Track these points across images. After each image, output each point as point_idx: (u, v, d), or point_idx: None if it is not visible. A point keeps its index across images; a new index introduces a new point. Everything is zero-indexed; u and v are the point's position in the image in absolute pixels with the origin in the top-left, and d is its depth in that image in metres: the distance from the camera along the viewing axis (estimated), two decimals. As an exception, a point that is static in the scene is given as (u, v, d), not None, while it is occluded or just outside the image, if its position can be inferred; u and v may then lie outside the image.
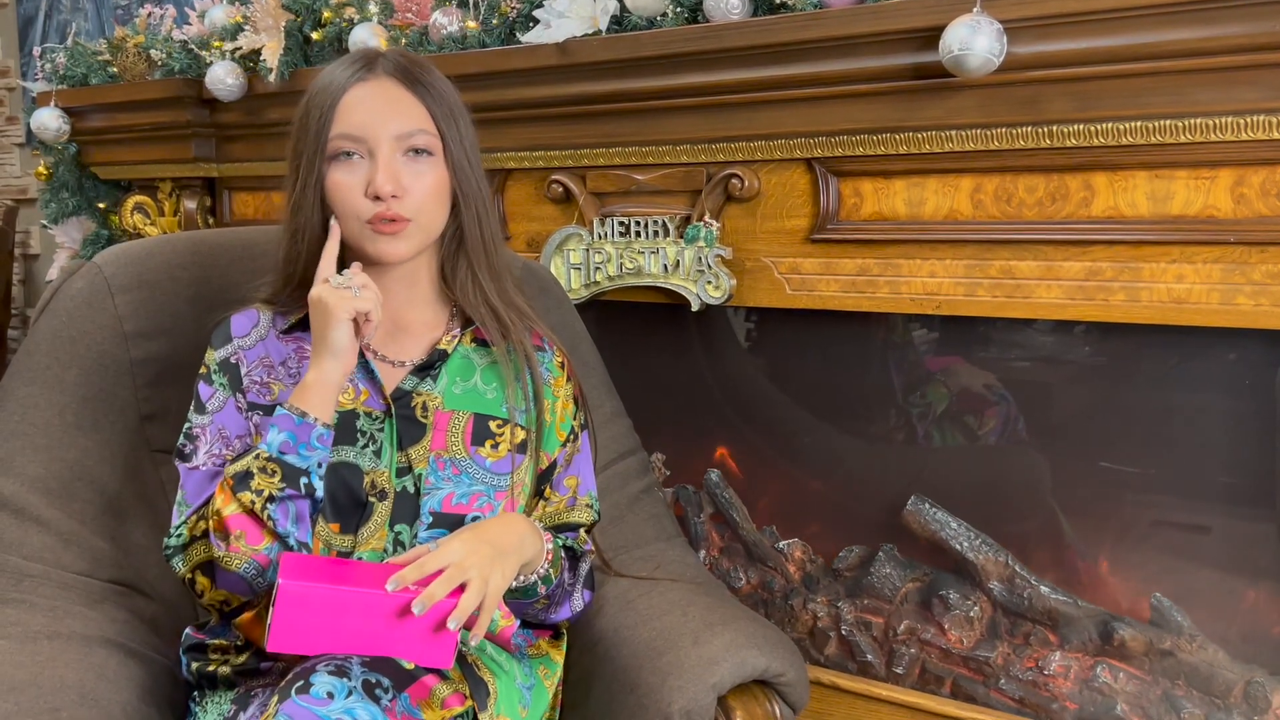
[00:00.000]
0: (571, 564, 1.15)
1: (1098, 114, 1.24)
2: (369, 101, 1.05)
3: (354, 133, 1.04)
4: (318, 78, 1.09)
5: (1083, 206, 1.30)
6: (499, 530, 1.03)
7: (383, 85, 1.06)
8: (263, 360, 1.10)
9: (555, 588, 1.10)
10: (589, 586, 1.16)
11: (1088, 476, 1.41)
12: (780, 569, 1.67)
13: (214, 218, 2.26)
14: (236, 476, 0.98)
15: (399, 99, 1.06)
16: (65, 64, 2.25)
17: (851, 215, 1.46)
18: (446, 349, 1.12)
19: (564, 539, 1.15)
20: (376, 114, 1.04)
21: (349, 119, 1.04)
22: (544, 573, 1.07)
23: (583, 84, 1.59)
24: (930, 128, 1.35)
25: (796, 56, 1.39)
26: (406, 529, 1.06)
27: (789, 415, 1.67)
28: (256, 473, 0.97)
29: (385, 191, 1.02)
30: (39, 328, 1.28)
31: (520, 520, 1.07)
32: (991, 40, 1.20)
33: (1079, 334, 1.39)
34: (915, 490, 1.53)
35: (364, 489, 1.06)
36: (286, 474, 0.98)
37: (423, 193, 1.05)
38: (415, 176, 1.05)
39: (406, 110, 1.06)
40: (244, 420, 1.07)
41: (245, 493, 0.97)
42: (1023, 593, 1.45)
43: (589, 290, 1.69)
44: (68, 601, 1.11)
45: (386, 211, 1.03)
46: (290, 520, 0.98)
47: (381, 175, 1.02)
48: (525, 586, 1.06)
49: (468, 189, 1.09)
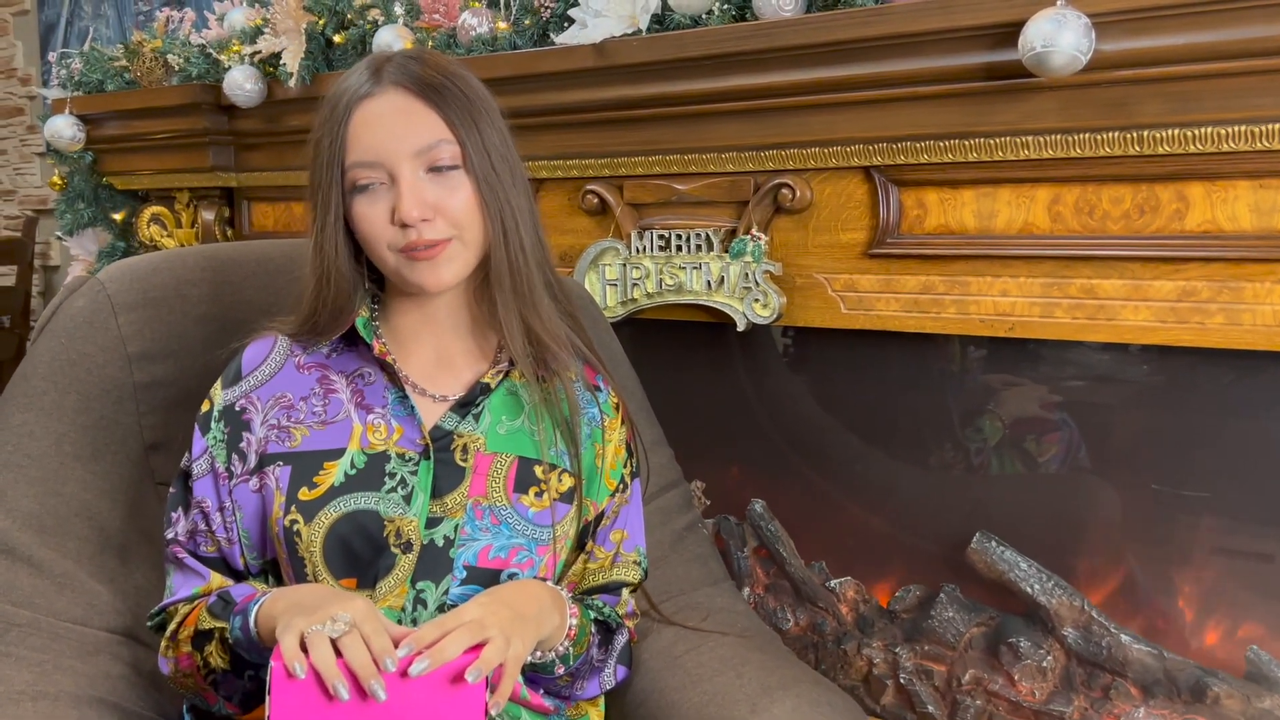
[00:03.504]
0: (604, 637, 1.04)
1: (1195, 117, 1.12)
2: (379, 120, 0.94)
3: (368, 159, 0.93)
4: (322, 102, 0.99)
5: (1175, 220, 1.18)
6: (517, 594, 0.92)
7: (391, 98, 0.94)
8: (278, 400, 1.00)
9: (581, 663, 0.99)
10: (624, 663, 1.05)
11: (1169, 509, 1.29)
12: (831, 609, 1.55)
13: (232, 229, 2.18)
14: (199, 633, 0.94)
15: (411, 111, 0.94)
16: (81, 70, 2.18)
17: (914, 228, 1.35)
18: (490, 383, 1.01)
19: (600, 605, 1.04)
20: (389, 133, 0.93)
21: (361, 143, 0.93)
22: (563, 650, 0.96)
23: (621, 87, 1.49)
24: (1004, 133, 1.23)
25: (856, 56, 1.28)
26: (432, 586, 0.95)
27: (839, 441, 1.56)
28: (214, 646, 0.93)
29: (413, 218, 0.92)
30: (37, 349, 1.19)
31: (542, 589, 0.95)
32: (1079, 36, 1.08)
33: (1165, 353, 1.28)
34: (976, 523, 1.41)
35: (385, 538, 0.95)
36: (234, 661, 0.93)
37: (457, 209, 0.94)
38: (446, 194, 0.94)
39: (421, 122, 0.94)
40: (223, 493, 0.98)
41: (198, 653, 0.94)
42: (1100, 641, 1.33)
43: (625, 308, 1.59)
44: (58, 654, 1.01)
45: (419, 239, 0.92)
46: (234, 692, 0.97)
47: (406, 201, 0.92)
48: (541, 664, 0.95)
49: (493, 201, 0.96)
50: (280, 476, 0.96)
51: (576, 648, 0.97)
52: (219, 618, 0.92)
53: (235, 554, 0.99)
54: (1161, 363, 1.26)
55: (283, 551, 0.96)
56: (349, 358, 1.02)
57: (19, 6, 3.47)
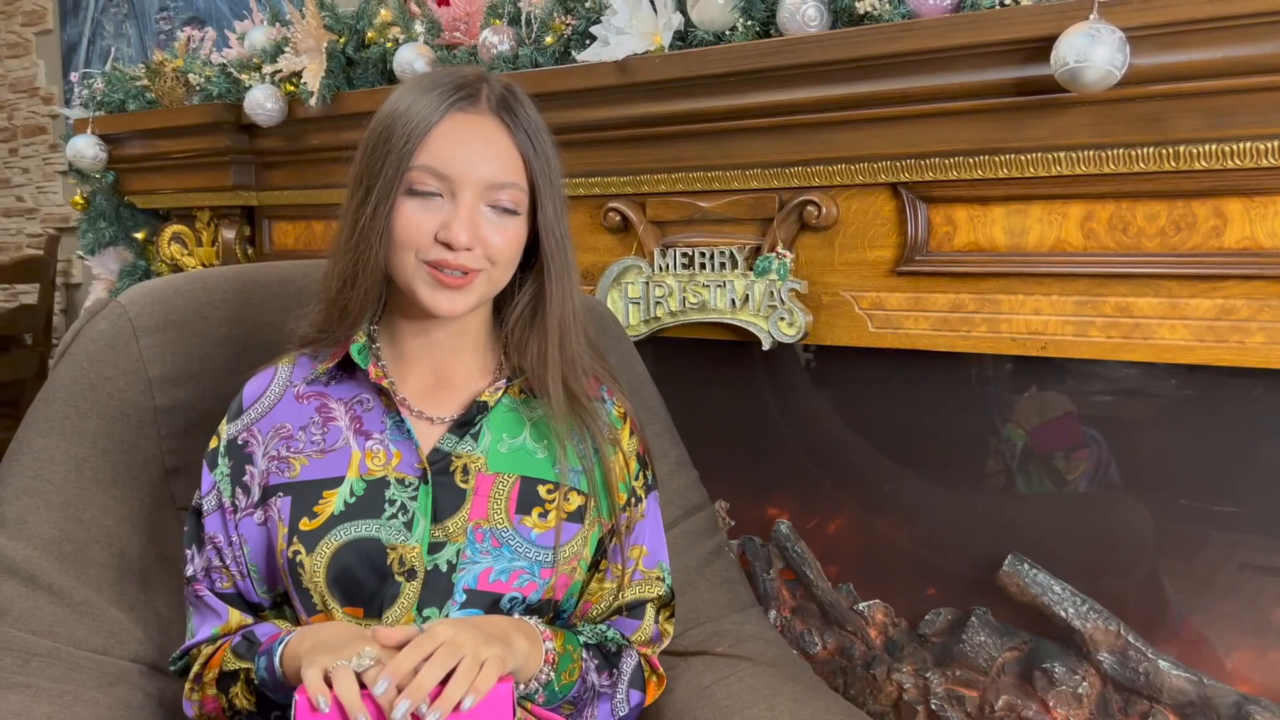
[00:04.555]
0: (605, 662, 1.01)
1: (1233, 132, 1.09)
2: (464, 138, 0.93)
3: (440, 169, 0.92)
4: (402, 92, 0.96)
5: (1213, 236, 1.15)
6: (480, 620, 0.91)
7: (484, 122, 0.94)
8: (278, 430, 0.99)
9: (580, 691, 0.97)
10: (638, 687, 1.02)
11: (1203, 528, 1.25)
12: (860, 633, 1.52)
13: (253, 248, 2.17)
14: (224, 674, 0.94)
15: (497, 143, 0.94)
16: (103, 90, 2.19)
17: (943, 245, 1.33)
18: (488, 401, 1.00)
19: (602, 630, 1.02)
20: (470, 154, 0.92)
21: (438, 152, 0.92)
22: (545, 678, 0.93)
23: (644, 105, 1.47)
24: (1035, 149, 1.21)
25: (883, 72, 1.26)
26: (436, 613, 0.93)
27: (866, 461, 1.53)
28: (240, 686, 0.93)
29: (460, 243, 0.91)
30: (58, 373, 1.18)
31: (502, 618, 0.94)
32: (1113, 50, 1.06)
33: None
34: (1008, 544, 1.39)
35: (389, 566, 0.93)
36: (260, 702, 0.93)
37: (499, 249, 0.94)
38: (495, 230, 0.93)
39: (502, 157, 0.94)
40: (230, 527, 0.98)
41: (223, 695, 0.95)
42: (1137, 666, 1.30)
43: (649, 327, 1.57)
44: (78, 685, 1.00)
45: (453, 261, 0.91)
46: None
47: (459, 224, 0.91)
48: (526, 694, 0.93)
49: (555, 257, 0.97)
50: (282, 508, 0.95)
51: (564, 675, 0.95)
52: (244, 658, 0.91)
53: (249, 588, 0.98)
54: (1191, 378, 1.23)
55: (289, 584, 0.95)
56: (347, 385, 1.01)
57: (42, 26, 3.49)
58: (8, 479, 1.12)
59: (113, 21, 3.20)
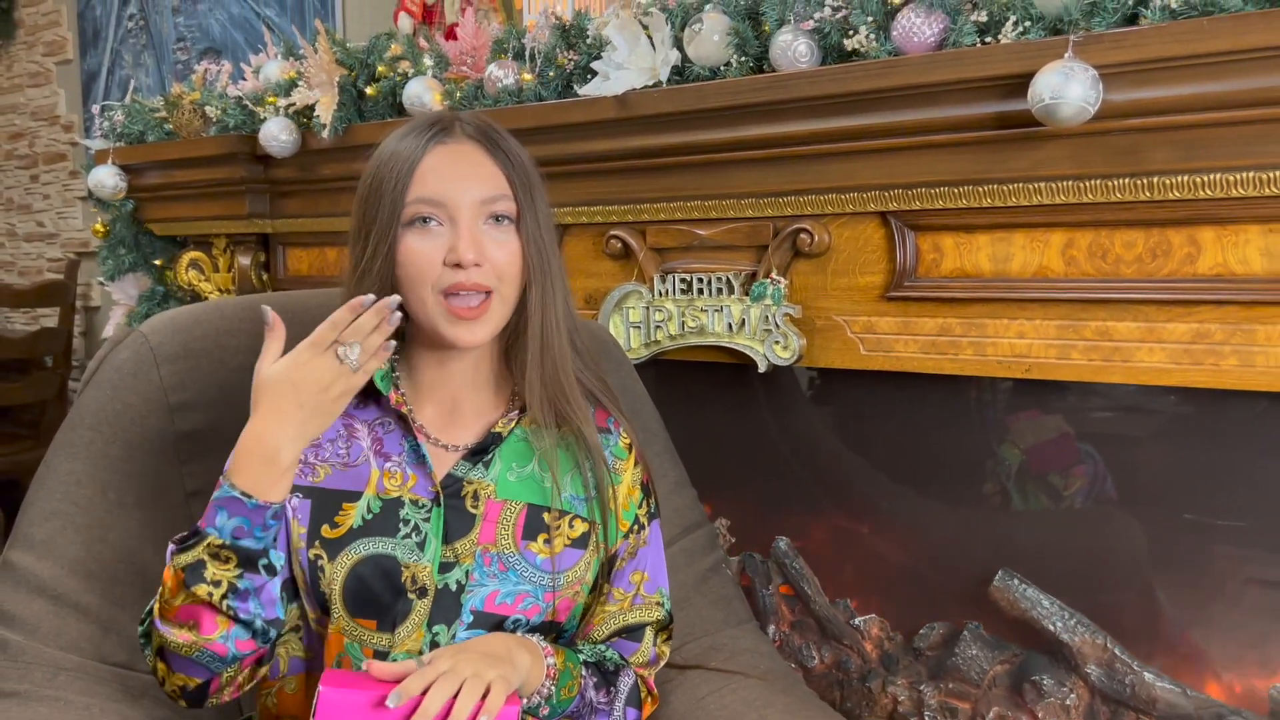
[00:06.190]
0: (603, 679, 1.05)
1: (1204, 164, 1.14)
2: (449, 165, 0.99)
3: (434, 197, 0.97)
4: (384, 143, 1.03)
5: (1187, 263, 1.20)
6: (482, 642, 0.95)
7: (463, 148, 1.00)
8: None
9: (577, 707, 1.01)
10: (634, 705, 1.07)
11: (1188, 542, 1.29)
12: (856, 647, 1.56)
13: (268, 273, 2.23)
14: (188, 568, 0.89)
15: (480, 163, 1.00)
16: (123, 121, 2.25)
17: (931, 271, 1.38)
18: (501, 431, 1.05)
19: (602, 650, 1.06)
20: (458, 178, 0.98)
21: (428, 183, 0.98)
22: (547, 691, 0.98)
23: (643, 137, 1.53)
24: (1017, 180, 1.26)
25: (871, 106, 1.31)
26: (444, 630, 0.98)
27: (864, 479, 1.58)
28: (209, 561, 0.89)
29: (468, 259, 0.95)
30: (83, 400, 1.23)
31: (505, 635, 0.98)
32: (1086, 88, 1.11)
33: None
34: (1000, 559, 1.43)
35: (403, 583, 0.98)
36: (243, 560, 0.89)
37: (504, 262, 0.98)
38: (497, 245, 0.98)
39: (488, 175, 1.00)
40: None
41: (200, 585, 0.89)
42: (1124, 679, 1.34)
43: (649, 350, 1.62)
44: (104, 698, 1.05)
45: (466, 280, 0.96)
46: (255, 604, 0.91)
47: (464, 241, 0.96)
48: (529, 708, 0.97)
49: (539, 264, 1.01)
50: (299, 507, 1.00)
51: (564, 690, 0.99)
52: (190, 545, 0.90)
53: None
54: (1184, 396, 1.27)
55: (304, 582, 0.99)
56: (371, 408, 1.06)
57: (62, 56, 3.58)
58: (36, 502, 1.18)
59: (131, 52, 3.28)
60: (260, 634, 0.93)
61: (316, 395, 0.90)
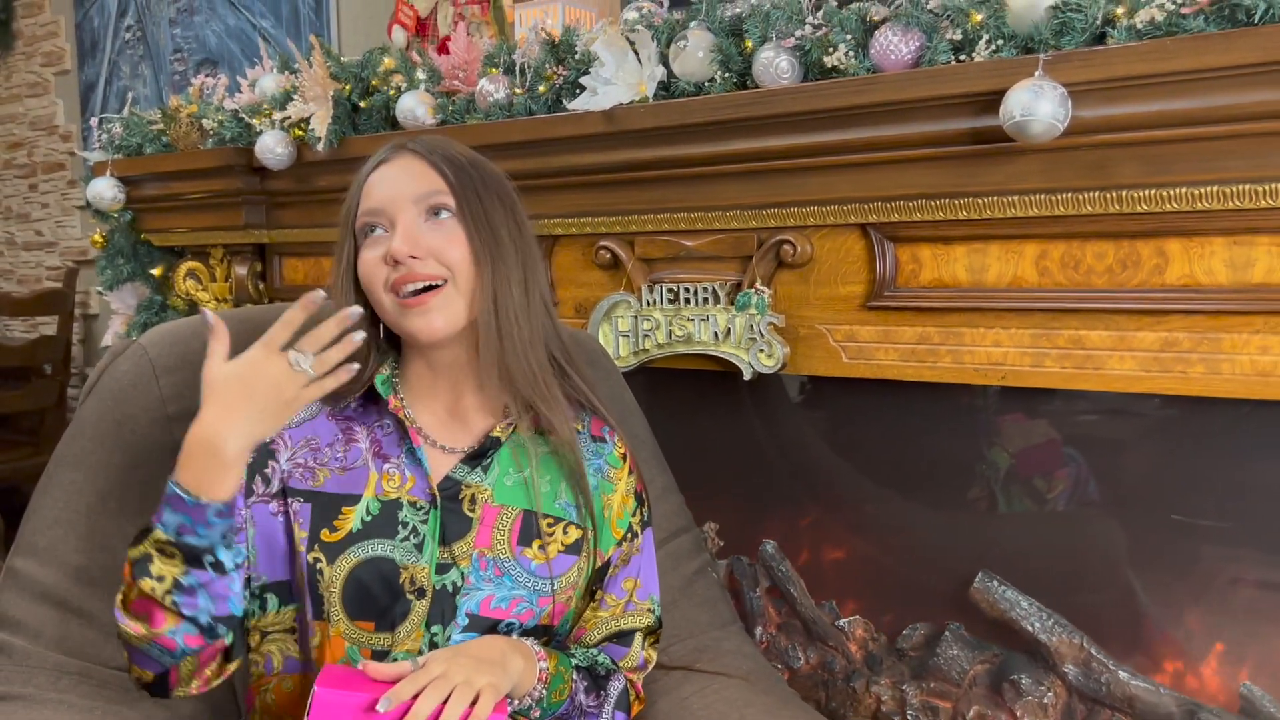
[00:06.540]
0: (594, 684, 1.08)
1: (1170, 178, 1.18)
2: (390, 176, 1.05)
3: (375, 206, 1.04)
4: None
5: (1156, 274, 1.23)
6: (477, 646, 0.98)
7: (404, 161, 1.06)
8: (308, 441, 1.07)
9: (567, 709, 1.05)
10: (623, 709, 1.10)
11: (1165, 543, 1.33)
12: (841, 648, 1.60)
13: (265, 283, 2.26)
14: (135, 562, 0.90)
15: (418, 170, 1.05)
16: (121, 134, 2.28)
17: (909, 281, 1.41)
18: (500, 436, 1.07)
19: (594, 654, 1.09)
20: (396, 185, 1.04)
21: (372, 194, 1.05)
22: (538, 694, 1.01)
23: (630, 150, 1.56)
24: (991, 193, 1.30)
25: (850, 121, 1.34)
26: (441, 630, 1.01)
27: (849, 484, 1.61)
28: (156, 556, 0.90)
29: (401, 253, 1.00)
30: (85, 410, 1.27)
31: (501, 639, 1.01)
32: (1055, 105, 1.15)
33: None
34: (982, 560, 1.46)
35: (401, 585, 1.01)
36: (188, 556, 0.90)
37: (444, 248, 1.02)
38: (441, 238, 1.02)
39: (421, 176, 1.05)
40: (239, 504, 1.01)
41: (145, 579, 0.90)
42: (1099, 677, 1.37)
43: (637, 358, 1.66)
44: (106, 700, 1.09)
45: (409, 274, 1.00)
46: (204, 599, 0.91)
47: (398, 238, 1.01)
48: (520, 710, 1.00)
49: (484, 252, 1.02)
50: (300, 512, 1.02)
51: (555, 694, 1.02)
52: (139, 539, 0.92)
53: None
54: (1166, 399, 1.30)
55: (304, 585, 1.02)
56: (372, 411, 1.09)
57: (60, 66, 3.61)
58: (39, 510, 1.21)
59: (129, 63, 3.31)
60: (207, 630, 0.93)
61: (267, 395, 0.91)
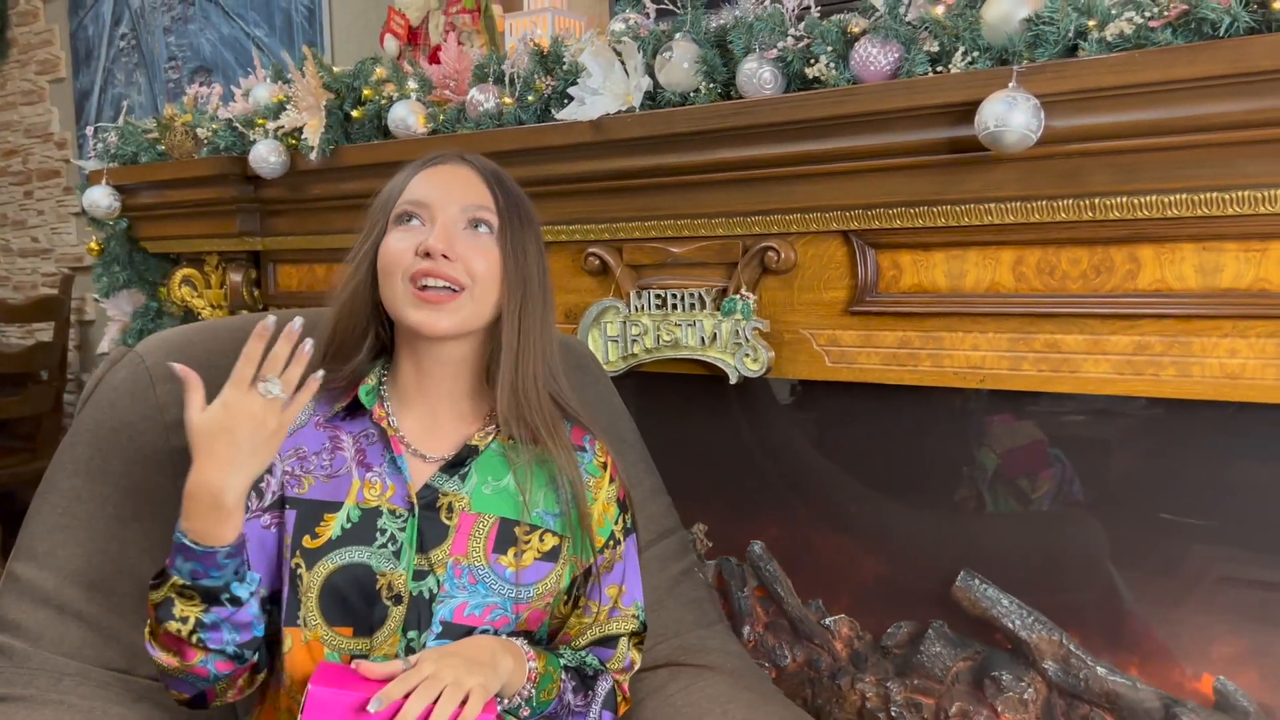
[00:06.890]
0: (582, 684, 1.11)
1: (1141, 186, 1.21)
2: (441, 176, 1.09)
3: (420, 198, 1.06)
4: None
5: (1129, 279, 1.26)
6: (468, 645, 1.01)
7: (460, 169, 1.10)
8: (297, 451, 1.09)
9: (555, 709, 1.07)
10: (610, 709, 1.12)
11: (1144, 542, 1.36)
12: (827, 646, 1.63)
13: (259, 289, 2.29)
14: (158, 605, 0.95)
15: (471, 180, 1.08)
16: (116, 143, 2.31)
17: (890, 287, 1.44)
18: (478, 445, 1.09)
19: (583, 655, 1.11)
20: (446, 186, 1.07)
21: (417, 188, 1.08)
22: (527, 694, 1.03)
23: (617, 159, 1.59)
24: (969, 200, 1.33)
25: (831, 131, 1.37)
26: (418, 635, 1.03)
27: (834, 485, 1.64)
28: (176, 599, 0.95)
29: (436, 249, 1.01)
30: (83, 418, 1.29)
31: (491, 639, 1.04)
32: (1028, 115, 1.18)
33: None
34: (964, 560, 1.49)
35: (378, 591, 1.03)
36: (205, 596, 0.94)
37: (475, 261, 1.04)
38: (475, 249, 1.05)
39: (475, 189, 1.08)
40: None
41: (171, 622, 0.95)
42: (1079, 673, 1.40)
43: (626, 362, 1.68)
44: (106, 701, 1.11)
45: (434, 269, 1.02)
46: (228, 631, 0.96)
47: (436, 233, 1.03)
48: (509, 709, 1.03)
49: (515, 280, 1.06)
50: (288, 520, 1.05)
51: (544, 693, 1.04)
52: (157, 586, 0.96)
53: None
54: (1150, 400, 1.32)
55: (285, 590, 1.04)
56: (358, 420, 1.11)
57: (55, 74, 3.63)
58: (39, 516, 1.24)
59: (124, 70, 3.33)
60: (236, 657, 0.98)
61: (253, 434, 0.93)
